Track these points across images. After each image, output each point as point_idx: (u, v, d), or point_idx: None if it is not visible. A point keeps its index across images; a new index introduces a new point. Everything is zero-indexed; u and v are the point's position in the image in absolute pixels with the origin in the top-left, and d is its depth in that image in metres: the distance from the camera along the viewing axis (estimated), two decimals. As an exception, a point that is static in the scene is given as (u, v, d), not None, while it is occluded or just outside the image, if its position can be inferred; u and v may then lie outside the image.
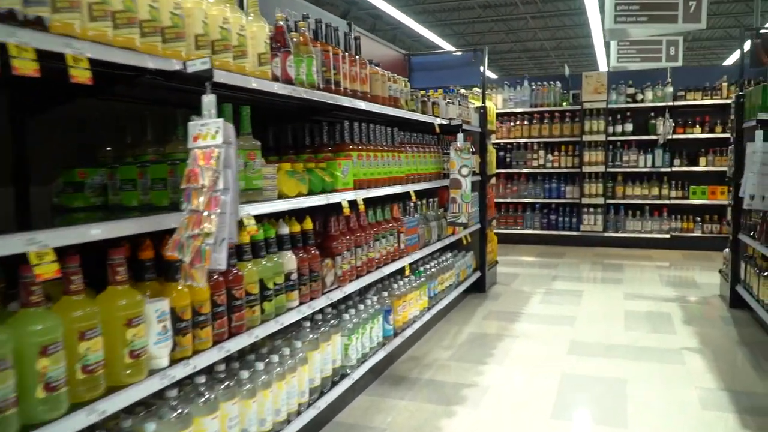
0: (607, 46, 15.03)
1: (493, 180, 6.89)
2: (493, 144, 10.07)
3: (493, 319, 5.40)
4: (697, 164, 9.12)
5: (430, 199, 4.92)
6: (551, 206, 9.89)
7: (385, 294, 3.88)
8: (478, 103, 6.35)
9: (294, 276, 2.72)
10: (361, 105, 3.40)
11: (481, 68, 6.30)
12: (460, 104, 5.54)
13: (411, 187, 4.21)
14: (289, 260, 2.71)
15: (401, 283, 4.16)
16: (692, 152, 9.28)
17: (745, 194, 4.28)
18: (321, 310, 3.11)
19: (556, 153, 9.74)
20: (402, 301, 4.07)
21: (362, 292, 3.80)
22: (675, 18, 11.41)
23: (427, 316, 4.61)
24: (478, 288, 6.39)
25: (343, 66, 3.22)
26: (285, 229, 2.74)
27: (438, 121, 4.79)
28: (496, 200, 9.94)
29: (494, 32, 24.01)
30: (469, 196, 4.81)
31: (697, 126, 9.09)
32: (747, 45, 6.33)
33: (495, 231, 9.86)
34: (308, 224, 2.91)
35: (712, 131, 9.06)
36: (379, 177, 3.71)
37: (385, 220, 3.90)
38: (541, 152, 9.80)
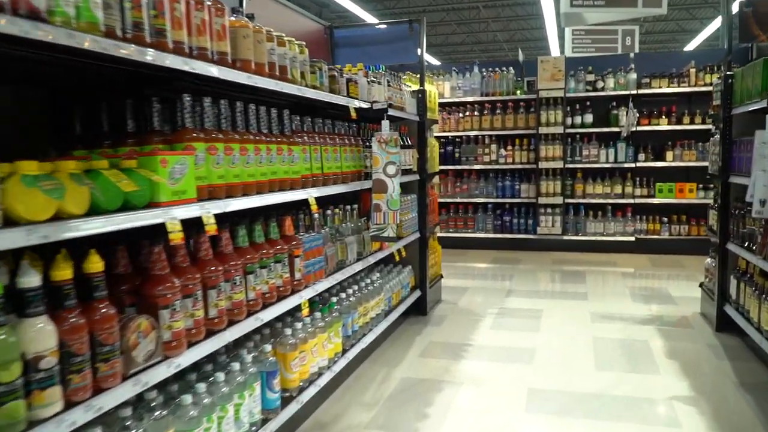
0: (562, 36, 14.20)
1: (436, 179, 5.80)
2: (439, 137, 9.04)
3: (433, 354, 4.30)
4: (663, 159, 8.25)
5: (349, 207, 3.78)
6: (505, 207, 8.89)
7: (268, 348, 2.71)
8: (416, 87, 5.23)
9: (48, 361, 1.54)
10: (212, 71, 2.22)
11: (419, 51, 5.19)
12: (389, 85, 4.41)
13: (312, 193, 3.06)
14: (38, 334, 1.52)
15: (298, 326, 3.01)
16: (658, 146, 8.41)
17: (754, 198, 3.28)
18: (128, 403, 1.92)
19: (509, 147, 8.74)
20: (298, 352, 2.92)
21: (231, 348, 2.63)
22: (635, 2, 10.60)
23: (342, 363, 3.47)
24: (419, 309, 5.29)
25: (175, 6, 2.04)
26: (32, 279, 1.55)
27: (355, 103, 3.65)
28: (443, 200, 8.89)
29: (446, 23, 23.06)
30: (397, 201, 3.68)
31: (663, 117, 8.22)
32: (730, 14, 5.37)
33: (442, 235, 8.85)
34: (94, 264, 1.72)
35: (679, 122, 8.20)
36: (254, 180, 2.54)
37: (268, 242, 2.73)
38: (494, 146, 8.78)
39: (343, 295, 3.65)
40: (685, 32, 23.80)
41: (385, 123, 3.76)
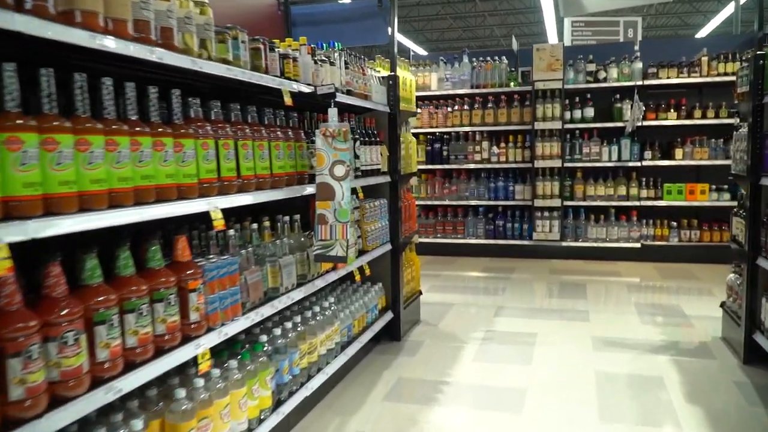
0: (561, 31, 13.38)
1: (414, 180, 5.01)
2: (425, 133, 8.26)
3: (401, 397, 3.51)
4: (671, 157, 7.45)
5: (287, 218, 2.99)
6: (498, 210, 8.10)
7: (138, 426, 1.92)
8: (386, 72, 4.45)
9: None
10: (16, 23, 1.44)
11: (389, 30, 4.40)
12: (348, 67, 3.62)
13: (217, 203, 2.27)
14: None
15: (199, 383, 2.22)
16: (666, 142, 7.62)
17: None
18: None
19: (502, 144, 7.95)
20: (196, 420, 2.13)
21: None
22: (639, -13, 9.81)
23: (273, 421, 2.68)
24: (391, 334, 4.51)
25: None
26: None
27: (293, 86, 2.85)
28: (430, 203, 8.12)
29: (441, 17, 22.28)
30: (347, 212, 2.89)
31: (672, 110, 7.42)
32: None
33: (429, 241, 8.07)
34: None
35: (689, 116, 7.40)
36: (104, 189, 1.75)
37: (145, 274, 1.95)
38: (485, 144, 7.99)
39: (278, 331, 2.86)
40: (689, 26, 22.92)
41: (333, 111, 2.96)
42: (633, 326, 4.80)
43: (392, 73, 4.38)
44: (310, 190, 2.97)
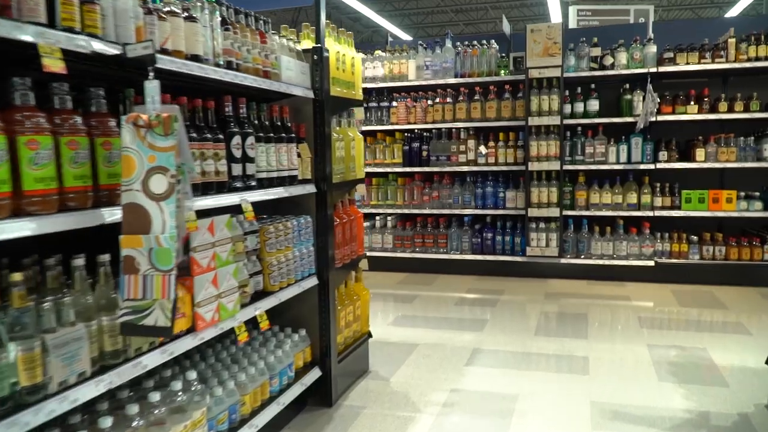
0: (566, 15, 12.16)
1: (362, 188, 3.85)
2: (402, 130, 7.09)
3: None
4: (691, 158, 6.25)
5: (78, 262, 1.84)
6: (486, 220, 6.92)
7: None
8: (310, 44, 3.30)
9: None
10: None
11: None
12: (228, 28, 2.46)
13: None
14: None
15: None
16: (685, 141, 6.43)
17: None
18: None
19: (491, 144, 6.77)
20: None
21: None
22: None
23: None
24: (322, 398, 3.36)
25: None
26: None
27: (79, 42, 1.70)
28: (409, 212, 6.96)
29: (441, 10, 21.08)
30: (170, 253, 1.72)
31: (692, 102, 6.22)
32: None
33: (407, 255, 6.91)
34: None
35: (713, 110, 6.20)
36: None
37: None
38: (471, 142, 6.81)
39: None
40: (715, 4, 21.25)
41: (151, 87, 1.80)
42: (646, 383, 3.62)
43: (318, 45, 3.22)
44: (116, 215, 1.81)
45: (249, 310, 2.58)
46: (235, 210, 2.47)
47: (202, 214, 2.14)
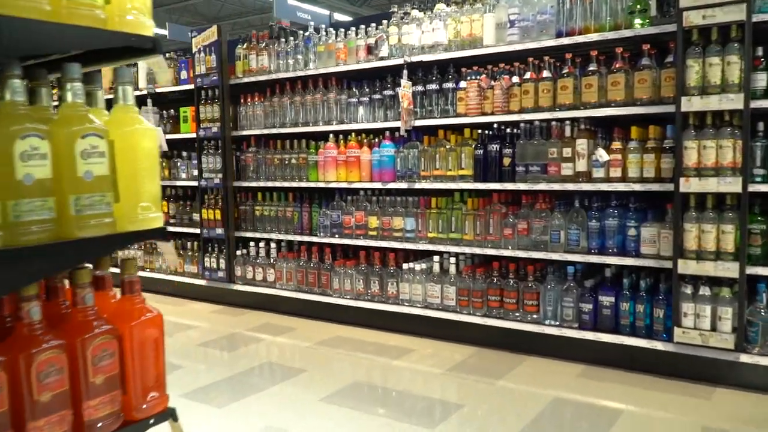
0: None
1: (171, 254, 1.67)
2: (478, 126, 4.48)
3: None
4: None
5: None
6: (605, 273, 4.15)
7: None
8: None
9: None
10: None
11: None
12: None
13: None
14: None
15: None
16: None
17: None
18: None
19: (616, 144, 4.01)
20: None
21: None
22: None
23: None
24: None
25: None
26: None
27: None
28: (484, 252, 4.48)
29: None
30: None
31: None
32: None
33: (478, 321, 3.98)
34: None
35: None
36: None
37: None
38: (583, 143, 4.10)
39: None
40: None
41: None
42: None
43: None
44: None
45: None
46: None
47: None
